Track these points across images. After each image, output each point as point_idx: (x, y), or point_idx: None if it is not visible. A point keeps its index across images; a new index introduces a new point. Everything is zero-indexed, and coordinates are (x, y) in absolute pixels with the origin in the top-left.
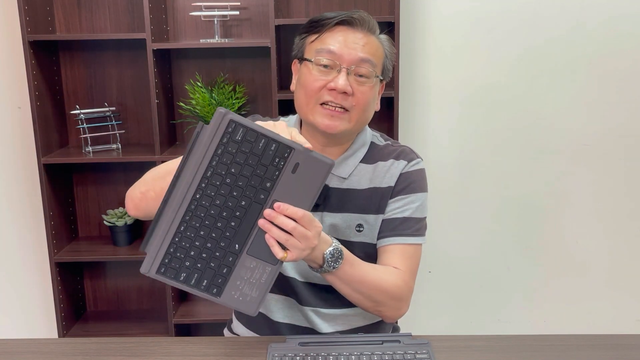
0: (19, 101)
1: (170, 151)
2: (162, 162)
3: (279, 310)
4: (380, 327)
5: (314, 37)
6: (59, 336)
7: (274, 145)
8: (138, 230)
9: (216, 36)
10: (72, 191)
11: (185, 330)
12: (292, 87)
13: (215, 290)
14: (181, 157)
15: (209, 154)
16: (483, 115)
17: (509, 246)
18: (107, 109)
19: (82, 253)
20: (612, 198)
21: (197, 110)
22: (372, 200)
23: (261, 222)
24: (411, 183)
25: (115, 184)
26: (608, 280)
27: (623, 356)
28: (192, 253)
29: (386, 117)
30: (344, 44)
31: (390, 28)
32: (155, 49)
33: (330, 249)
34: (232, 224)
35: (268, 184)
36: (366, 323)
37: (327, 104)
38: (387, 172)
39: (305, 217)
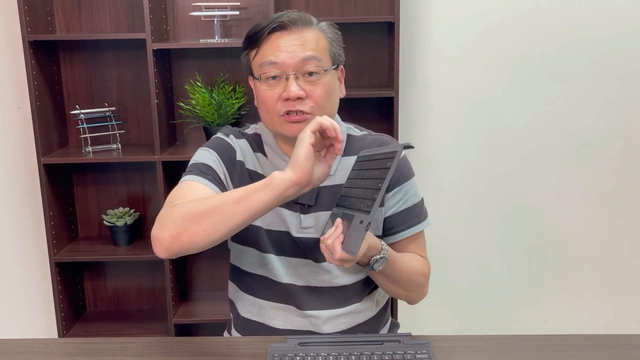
0: (19, 101)
1: (170, 151)
2: (162, 162)
3: (278, 317)
4: (380, 320)
5: (253, 52)
6: (59, 336)
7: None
8: (138, 230)
9: (216, 36)
10: (72, 191)
11: (185, 330)
12: (255, 103)
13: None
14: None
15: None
16: (482, 115)
17: (509, 246)
18: (107, 109)
19: (82, 253)
20: (612, 198)
21: (197, 110)
22: None
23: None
24: (402, 172)
25: (115, 184)
26: (608, 280)
27: (623, 356)
28: None
29: (386, 117)
30: (282, 50)
31: (390, 28)
32: (155, 49)
33: (378, 257)
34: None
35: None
36: (366, 319)
37: (288, 114)
38: None
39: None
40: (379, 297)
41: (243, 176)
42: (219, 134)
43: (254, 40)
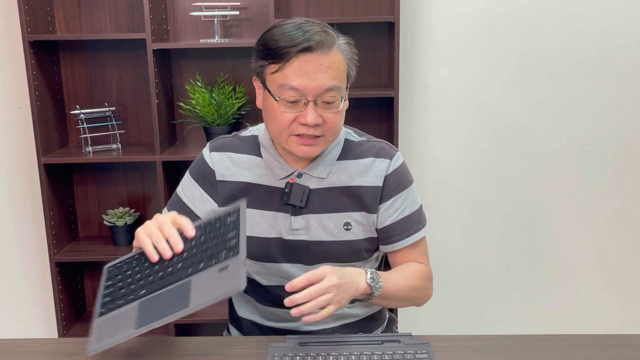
0: (19, 101)
1: (170, 151)
2: (162, 162)
3: (274, 319)
4: (375, 318)
5: (273, 67)
6: (59, 336)
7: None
8: None
9: (216, 36)
10: (72, 191)
11: (185, 330)
12: (259, 104)
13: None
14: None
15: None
16: (482, 115)
17: (509, 246)
18: (107, 109)
19: (82, 253)
20: (612, 198)
21: (197, 110)
22: (357, 198)
23: (294, 312)
24: (400, 180)
25: (115, 184)
26: (608, 280)
27: (623, 356)
28: None
29: (386, 117)
30: (306, 76)
31: (390, 28)
32: (155, 49)
33: (369, 275)
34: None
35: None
36: (360, 318)
37: (300, 135)
38: (369, 171)
39: (316, 274)
40: None
41: (232, 195)
42: (204, 151)
43: (276, 56)
